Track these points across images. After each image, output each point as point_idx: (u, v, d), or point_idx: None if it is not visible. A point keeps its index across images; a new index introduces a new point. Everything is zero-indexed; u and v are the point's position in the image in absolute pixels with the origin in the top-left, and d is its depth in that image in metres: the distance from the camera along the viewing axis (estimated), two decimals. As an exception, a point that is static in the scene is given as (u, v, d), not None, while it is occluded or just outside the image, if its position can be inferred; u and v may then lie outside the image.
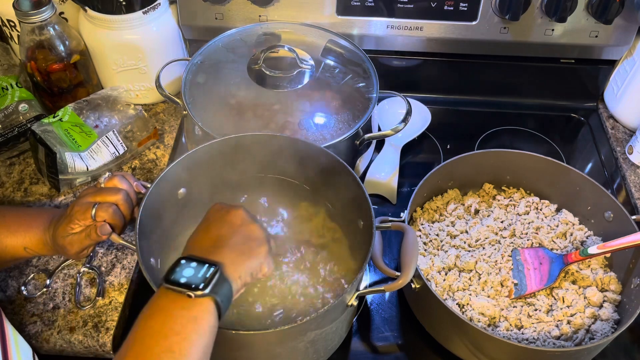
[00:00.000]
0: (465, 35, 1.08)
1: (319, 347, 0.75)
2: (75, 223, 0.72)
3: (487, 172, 0.96)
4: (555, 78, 1.17)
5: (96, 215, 0.72)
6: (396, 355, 0.83)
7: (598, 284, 0.84)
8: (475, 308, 0.80)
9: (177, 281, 0.56)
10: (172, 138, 1.08)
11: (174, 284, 0.56)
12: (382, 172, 1.03)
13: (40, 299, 0.84)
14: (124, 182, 0.76)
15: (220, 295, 0.57)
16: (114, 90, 1.02)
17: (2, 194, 0.97)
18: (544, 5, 1.02)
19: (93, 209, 0.72)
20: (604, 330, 0.78)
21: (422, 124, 1.11)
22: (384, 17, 1.07)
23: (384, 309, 0.87)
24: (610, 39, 1.07)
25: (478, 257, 0.85)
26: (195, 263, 0.58)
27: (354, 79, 0.98)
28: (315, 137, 0.89)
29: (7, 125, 0.98)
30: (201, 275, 0.57)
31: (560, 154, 1.10)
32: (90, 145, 0.95)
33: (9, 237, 0.74)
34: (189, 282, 0.56)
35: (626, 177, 1.04)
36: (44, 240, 0.75)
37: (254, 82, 0.94)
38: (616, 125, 1.15)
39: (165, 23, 1.05)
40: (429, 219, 0.93)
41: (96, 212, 0.72)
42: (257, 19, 1.08)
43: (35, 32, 0.96)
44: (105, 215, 0.72)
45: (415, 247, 0.72)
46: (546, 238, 0.89)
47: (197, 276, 0.56)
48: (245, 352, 0.71)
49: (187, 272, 0.57)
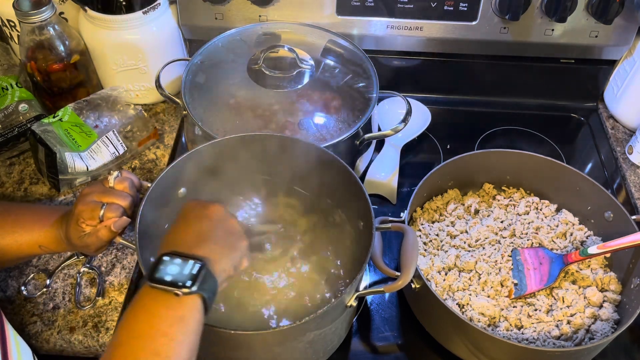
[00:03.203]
0: (465, 35, 1.08)
1: (319, 347, 0.75)
2: (82, 223, 0.71)
3: (487, 172, 0.96)
4: (555, 78, 1.17)
5: (104, 217, 0.70)
6: (396, 355, 0.83)
7: (598, 284, 0.84)
8: (475, 308, 0.80)
9: (163, 279, 0.54)
10: (172, 138, 1.08)
11: (160, 283, 0.54)
12: (382, 172, 1.03)
13: (40, 299, 0.84)
14: (133, 189, 0.75)
15: (207, 291, 0.56)
16: (114, 90, 1.02)
17: (2, 194, 0.97)
18: (544, 5, 1.02)
19: (102, 210, 0.70)
20: (604, 330, 0.78)
21: (422, 124, 1.11)
22: (384, 17, 1.07)
23: (384, 309, 0.87)
24: (610, 39, 1.07)
25: (478, 257, 0.85)
26: (180, 259, 0.56)
27: (354, 79, 0.98)
28: (315, 137, 0.89)
29: (7, 125, 0.98)
30: (187, 272, 0.55)
31: (560, 154, 1.10)
32: (90, 145, 0.95)
33: (24, 235, 0.74)
34: (175, 280, 0.54)
35: (626, 177, 1.04)
36: (58, 238, 0.74)
37: (254, 82, 0.94)
38: (616, 125, 1.15)
39: (165, 23, 1.05)
40: (429, 219, 0.93)
41: (104, 214, 0.70)
42: (257, 19, 1.08)
43: (35, 32, 0.96)
44: (113, 217, 0.71)
45: (415, 248, 0.72)
46: (546, 238, 0.89)
47: (183, 273, 0.55)
48: (245, 352, 0.71)
49: (171, 270, 0.55)
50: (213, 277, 0.57)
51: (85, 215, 0.70)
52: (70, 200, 0.96)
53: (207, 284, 0.56)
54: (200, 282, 0.55)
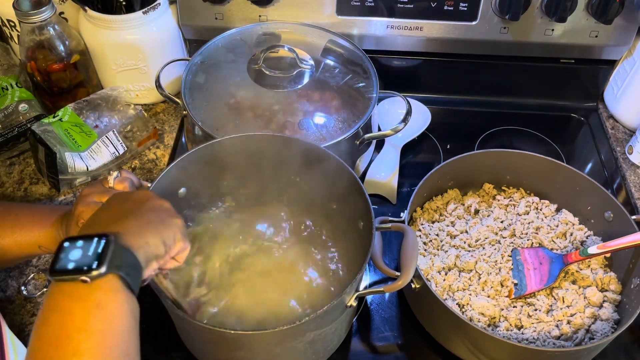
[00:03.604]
0: (465, 35, 1.08)
1: (319, 347, 0.75)
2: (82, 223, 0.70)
3: (487, 172, 0.96)
4: (555, 78, 1.17)
5: None
6: (396, 355, 0.83)
7: (598, 284, 0.84)
8: (475, 308, 0.80)
9: (65, 268, 0.47)
10: (172, 138, 1.08)
11: (62, 273, 0.47)
12: (382, 172, 1.03)
13: (40, 299, 0.84)
14: (133, 189, 0.74)
15: (123, 268, 0.49)
16: (114, 90, 1.02)
17: (2, 194, 0.97)
18: (544, 5, 1.02)
19: None
20: (604, 330, 0.78)
21: (422, 124, 1.11)
22: (384, 17, 1.07)
23: (384, 309, 0.87)
24: (610, 39, 1.07)
25: (478, 257, 0.85)
26: (82, 241, 0.49)
27: (354, 79, 0.98)
28: (315, 137, 0.89)
29: (7, 125, 0.98)
30: (91, 252, 0.48)
31: (560, 154, 1.10)
32: (90, 145, 0.95)
33: (23, 235, 0.73)
34: (79, 265, 0.47)
35: (626, 177, 1.04)
36: (58, 238, 0.74)
37: (254, 82, 0.94)
38: (616, 125, 1.15)
39: (165, 23, 1.05)
40: (429, 219, 0.93)
41: None
42: (257, 19, 1.08)
43: (35, 32, 0.96)
44: None
45: (415, 248, 0.72)
46: (546, 238, 0.89)
47: (87, 255, 0.48)
48: (245, 352, 0.71)
49: (73, 255, 0.48)
50: (128, 251, 0.50)
51: (85, 216, 0.69)
52: (70, 200, 0.96)
53: (120, 259, 0.49)
54: (109, 259, 0.47)
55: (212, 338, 0.70)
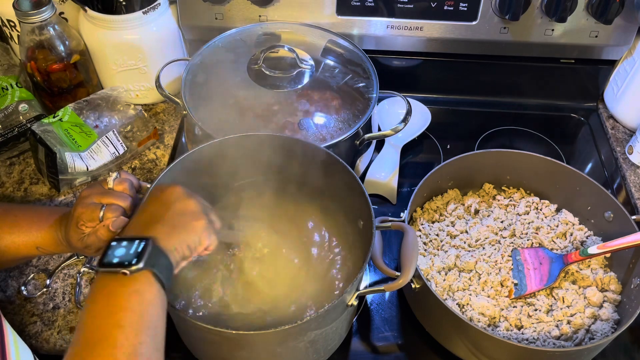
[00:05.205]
0: (465, 35, 1.08)
1: (319, 346, 0.75)
2: (82, 225, 0.70)
3: (487, 172, 0.96)
4: (555, 78, 1.17)
5: (104, 217, 0.69)
6: (396, 355, 0.83)
7: (598, 284, 0.84)
8: (475, 308, 0.80)
9: (110, 262, 0.57)
10: (172, 138, 1.08)
11: (108, 266, 0.57)
12: (382, 172, 1.03)
13: (40, 299, 0.84)
14: (132, 190, 0.74)
15: (158, 267, 0.58)
16: (114, 90, 1.02)
17: (2, 194, 0.97)
18: (544, 5, 1.02)
19: (101, 211, 0.69)
20: (604, 330, 0.78)
21: (422, 124, 1.11)
22: (384, 17, 1.07)
23: (384, 309, 0.87)
24: (610, 39, 1.07)
25: (478, 257, 0.85)
26: (126, 242, 0.58)
27: (354, 79, 0.98)
28: (315, 137, 0.89)
29: (7, 125, 0.98)
30: (133, 251, 0.57)
31: (560, 154, 1.10)
32: (90, 145, 0.95)
33: (21, 236, 0.73)
34: (122, 261, 0.57)
35: (626, 177, 1.04)
36: (56, 239, 0.74)
37: (254, 82, 0.94)
38: (616, 125, 1.15)
39: (165, 23, 1.05)
40: (429, 219, 0.93)
41: (104, 214, 0.69)
42: (257, 19, 1.08)
43: (35, 32, 0.96)
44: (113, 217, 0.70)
45: (415, 247, 0.72)
46: (546, 238, 0.89)
47: (129, 253, 0.57)
48: (245, 352, 0.71)
49: (118, 252, 0.57)
50: (162, 253, 0.59)
51: (84, 218, 0.69)
52: (70, 200, 0.96)
53: (156, 259, 0.58)
54: (146, 258, 0.57)
55: (213, 338, 0.70)
